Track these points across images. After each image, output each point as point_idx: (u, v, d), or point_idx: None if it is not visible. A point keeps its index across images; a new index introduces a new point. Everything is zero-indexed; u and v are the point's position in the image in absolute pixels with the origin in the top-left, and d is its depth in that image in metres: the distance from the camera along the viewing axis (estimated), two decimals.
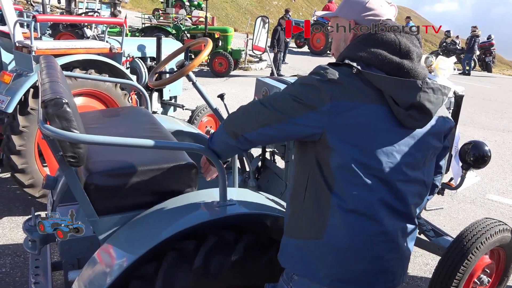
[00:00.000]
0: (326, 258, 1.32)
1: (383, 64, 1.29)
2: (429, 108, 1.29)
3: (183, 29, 11.71)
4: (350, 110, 1.26)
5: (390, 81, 1.26)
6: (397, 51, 1.30)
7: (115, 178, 1.64)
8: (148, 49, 4.80)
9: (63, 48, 3.66)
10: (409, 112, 1.27)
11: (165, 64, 2.67)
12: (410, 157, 1.32)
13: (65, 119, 1.41)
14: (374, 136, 1.27)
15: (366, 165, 1.27)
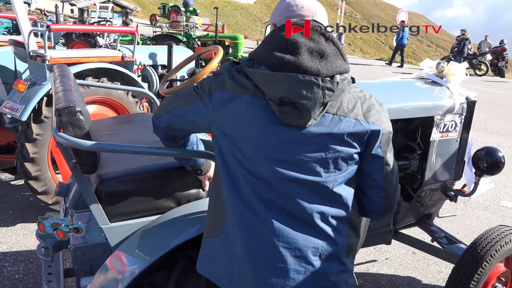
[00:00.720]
0: (221, 257, 1.31)
1: (268, 60, 1.25)
2: (304, 104, 1.20)
3: (194, 36, 11.80)
4: (230, 100, 1.28)
5: (260, 75, 1.24)
6: (284, 46, 1.24)
7: (126, 184, 1.65)
8: (159, 57, 4.86)
9: (76, 57, 3.71)
10: (283, 108, 1.22)
11: (176, 72, 2.69)
12: (289, 155, 1.24)
13: (78, 127, 1.43)
14: (246, 127, 1.26)
15: (237, 155, 1.27)
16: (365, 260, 3.31)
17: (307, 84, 1.20)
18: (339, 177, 1.29)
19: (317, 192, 1.28)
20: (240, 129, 1.27)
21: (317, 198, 1.28)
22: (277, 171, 1.25)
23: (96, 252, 1.83)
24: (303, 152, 1.25)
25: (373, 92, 2.20)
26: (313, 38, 1.25)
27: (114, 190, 1.63)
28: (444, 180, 2.48)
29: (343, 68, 1.27)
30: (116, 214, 1.64)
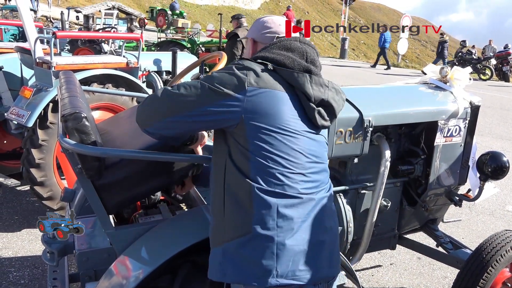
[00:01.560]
0: (258, 253, 1.30)
1: (294, 65, 1.41)
2: (336, 108, 1.48)
3: (198, 42, 11.86)
4: (261, 93, 1.34)
5: (304, 77, 1.41)
6: (304, 57, 1.45)
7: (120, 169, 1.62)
8: (163, 63, 4.89)
9: (82, 63, 3.74)
10: (320, 109, 1.43)
11: (180, 78, 2.71)
12: (310, 145, 1.41)
13: (84, 133, 1.45)
14: (280, 119, 1.34)
15: (271, 148, 1.33)
16: (370, 265, 3.29)
17: (338, 92, 1.51)
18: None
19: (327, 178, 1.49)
20: (275, 120, 1.34)
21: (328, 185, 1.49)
22: (311, 162, 1.40)
23: (101, 257, 1.84)
24: (319, 144, 1.46)
25: (377, 97, 2.29)
26: (314, 51, 1.53)
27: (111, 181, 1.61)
28: (448, 185, 2.48)
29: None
30: (117, 202, 1.63)
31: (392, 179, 2.39)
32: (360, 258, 2.34)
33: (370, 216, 2.24)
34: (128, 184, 1.66)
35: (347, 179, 2.37)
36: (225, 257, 1.34)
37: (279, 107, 1.35)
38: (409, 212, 2.53)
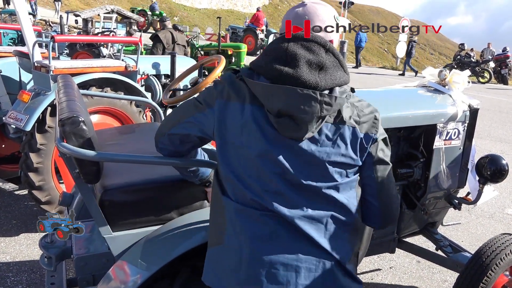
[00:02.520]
0: (228, 265, 1.29)
1: (267, 71, 1.25)
2: (301, 117, 1.20)
3: (197, 46, 11.87)
4: (230, 108, 1.29)
5: (259, 87, 1.24)
6: (283, 58, 1.24)
7: (129, 194, 1.66)
8: (162, 67, 4.89)
9: (80, 67, 3.74)
10: (280, 120, 1.22)
11: (179, 82, 2.71)
12: (290, 162, 1.25)
13: (81, 137, 1.44)
14: (247, 134, 1.26)
15: (239, 162, 1.28)
16: (369, 269, 3.28)
17: (305, 98, 1.19)
18: (339, 183, 1.28)
19: (317, 198, 1.28)
20: (242, 136, 1.27)
21: (317, 204, 1.28)
22: (278, 176, 1.25)
23: (99, 262, 1.83)
24: (303, 161, 1.26)
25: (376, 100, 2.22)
26: (312, 50, 1.25)
27: (117, 200, 1.63)
28: (447, 188, 2.47)
29: (343, 79, 1.27)
30: (119, 224, 1.64)
31: None
32: (359, 262, 2.33)
33: None
34: (136, 210, 1.67)
35: None
36: (207, 261, 1.37)
37: (245, 126, 1.27)
38: (409, 215, 2.53)
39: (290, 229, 1.26)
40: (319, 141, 1.26)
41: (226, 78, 1.35)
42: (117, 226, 1.63)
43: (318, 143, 1.26)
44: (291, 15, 1.35)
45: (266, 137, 1.25)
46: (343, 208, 1.30)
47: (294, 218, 1.25)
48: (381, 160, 1.34)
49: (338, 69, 1.27)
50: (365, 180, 1.35)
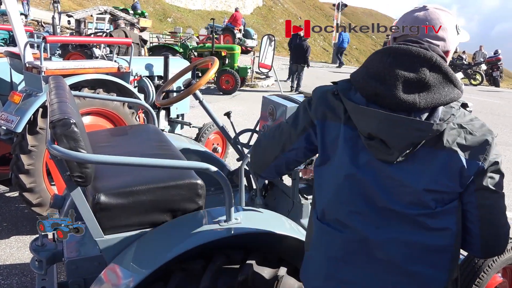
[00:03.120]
0: (311, 269, 1.36)
1: (362, 87, 1.18)
2: (392, 142, 1.13)
3: (190, 47, 11.86)
4: (324, 127, 1.28)
5: (352, 107, 1.19)
6: (381, 75, 1.16)
7: (122, 197, 1.64)
8: (155, 68, 4.87)
9: (72, 68, 3.71)
10: (371, 142, 1.16)
11: (172, 83, 2.70)
12: (380, 187, 1.18)
13: (73, 139, 1.43)
14: (340, 154, 1.23)
15: (330, 180, 1.27)
16: None
17: (398, 123, 1.11)
18: (434, 211, 1.17)
19: (408, 223, 1.19)
20: (335, 155, 1.24)
21: (407, 229, 1.19)
22: (365, 199, 1.20)
23: (90, 265, 1.81)
24: (393, 185, 1.18)
25: None
26: (414, 66, 1.14)
27: (109, 203, 1.61)
28: None
29: (451, 96, 1.15)
30: (111, 227, 1.62)
31: None
32: None
33: None
34: (128, 212, 1.65)
35: None
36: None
37: (340, 146, 1.23)
38: None
39: (370, 251, 1.21)
40: (412, 167, 1.16)
41: (318, 95, 1.32)
42: (109, 229, 1.61)
43: (411, 169, 1.16)
44: (409, 18, 1.28)
45: (356, 159, 1.20)
46: (439, 235, 1.19)
47: (378, 241, 1.20)
48: (487, 188, 1.18)
49: (446, 85, 1.15)
50: (465, 206, 1.21)
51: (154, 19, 27.30)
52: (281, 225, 1.77)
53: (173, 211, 1.71)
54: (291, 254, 1.80)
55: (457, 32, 1.28)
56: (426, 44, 1.19)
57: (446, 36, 1.25)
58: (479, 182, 1.16)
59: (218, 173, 1.54)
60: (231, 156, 5.12)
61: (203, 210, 1.76)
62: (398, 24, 1.31)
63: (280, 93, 2.45)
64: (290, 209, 2.28)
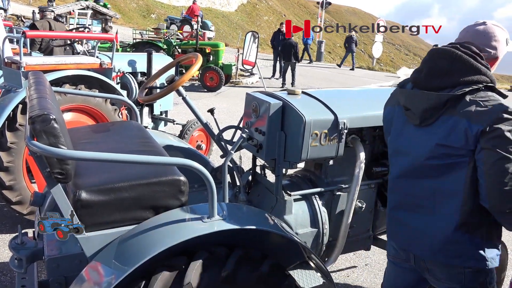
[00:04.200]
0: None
1: (412, 78, 1.73)
2: (413, 110, 1.66)
3: (174, 44, 11.76)
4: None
5: (398, 91, 1.79)
6: (420, 68, 1.68)
7: (103, 193, 1.62)
8: (138, 64, 4.82)
9: (53, 63, 3.65)
10: (407, 112, 1.71)
11: (155, 79, 2.67)
12: (415, 146, 1.68)
13: (53, 135, 1.40)
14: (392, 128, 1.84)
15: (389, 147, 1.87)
16: (345, 266, 3.32)
17: (416, 97, 1.65)
18: (448, 162, 1.57)
19: (431, 173, 1.63)
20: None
21: (432, 179, 1.63)
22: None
23: (71, 263, 1.79)
24: (425, 145, 1.63)
25: (352, 100, 2.28)
26: (439, 60, 1.61)
27: (90, 200, 1.59)
28: None
29: (469, 79, 1.55)
30: (93, 224, 1.61)
31: (366, 180, 2.42)
32: (335, 260, 2.36)
33: (345, 218, 2.25)
34: (110, 209, 1.63)
35: (323, 181, 2.38)
36: None
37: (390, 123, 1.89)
38: (384, 213, 2.56)
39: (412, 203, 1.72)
40: (431, 128, 1.61)
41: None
42: (91, 226, 1.59)
43: (430, 129, 1.61)
44: (471, 31, 1.70)
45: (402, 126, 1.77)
46: (450, 181, 1.59)
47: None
48: (490, 148, 1.49)
49: (468, 71, 1.56)
50: (477, 162, 1.54)
51: (137, 15, 26.98)
52: (264, 221, 1.78)
53: (155, 208, 1.70)
54: (274, 250, 1.81)
55: (506, 44, 1.70)
56: (466, 45, 1.61)
57: (498, 46, 1.67)
58: (482, 142, 1.50)
59: (200, 169, 1.53)
60: (215, 153, 5.11)
61: (186, 206, 1.75)
62: (462, 33, 1.74)
63: (264, 90, 2.46)
64: (274, 206, 2.29)
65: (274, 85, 12.38)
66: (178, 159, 1.62)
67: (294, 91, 2.28)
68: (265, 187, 2.42)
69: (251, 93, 2.36)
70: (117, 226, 1.66)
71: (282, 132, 2.14)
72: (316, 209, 2.31)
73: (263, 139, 2.16)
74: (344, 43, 19.49)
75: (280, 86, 12.12)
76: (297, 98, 2.24)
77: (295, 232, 2.20)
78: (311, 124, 2.06)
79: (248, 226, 1.67)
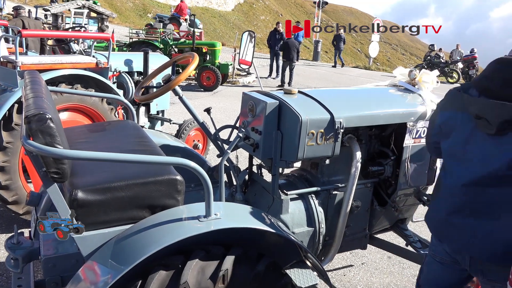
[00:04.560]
0: None
1: (477, 85, 1.69)
2: (490, 119, 1.59)
3: (171, 43, 11.75)
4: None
5: (467, 99, 1.69)
6: (489, 76, 1.65)
7: (100, 193, 1.62)
8: (135, 64, 4.81)
9: (49, 63, 3.64)
10: (479, 121, 1.64)
11: (151, 79, 2.67)
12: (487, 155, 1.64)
13: (49, 135, 1.40)
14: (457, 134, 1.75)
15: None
16: (342, 265, 3.33)
17: (494, 107, 1.58)
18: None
19: (506, 183, 1.60)
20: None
21: (505, 188, 1.60)
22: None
23: (68, 262, 1.79)
24: (503, 154, 1.59)
25: (348, 99, 2.26)
26: (508, 69, 1.60)
27: (87, 199, 1.59)
28: (417, 185, 2.53)
29: None
30: (89, 224, 1.60)
31: (362, 180, 2.43)
32: (332, 259, 2.36)
33: (342, 217, 2.26)
34: (106, 209, 1.63)
35: (319, 180, 2.39)
36: None
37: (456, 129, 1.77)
38: (380, 212, 2.58)
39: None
40: (502, 138, 1.58)
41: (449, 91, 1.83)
42: (87, 226, 1.59)
43: (505, 140, 1.58)
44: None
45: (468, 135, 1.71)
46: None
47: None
48: None
49: None
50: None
51: (133, 14, 26.90)
52: (261, 220, 1.78)
53: (152, 207, 1.70)
54: (271, 249, 1.81)
55: None
56: None
57: None
58: None
59: (196, 169, 1.53)
60: (212, 153, 5.11)
61: (182, 206, 1.75)
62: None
63: (260, 89, 2.46)
64: (270, 205, 2.30)
65: (271, 85, 12.39)
66: (175, 159, 1.62)
67: (291, 91, 2.29)
68: (262, 186, 2.43)
69: (248, 92, 2.37)
70: (114, 225, 1.65)
71: (278, 131, 2.14)
72: (313, 208, 2.32)
73: (260, 138, 2.16)
74: (332, 41, 19.62)
75: (277, 86, 12.12)
76: (293, 97, 2.25)
77: (292, 231, 2.21)
78: (308, 123, 2.06)
79: (245, 226, 1.68)
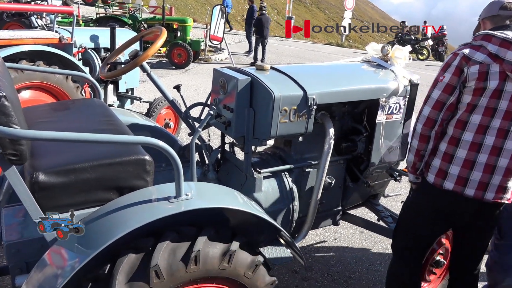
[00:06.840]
0: None
1: None
2: None
3: (140, 19, 11.39)
4: None
5: None
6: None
7: (63, 175, 1.54)
8: (101, 40, 4.62)
9: (7, 38, 3.44)
10: None
11: (117, 55, 2.55)
12: None
13: (3, 114, 1.31)
14: None
15: None
16: (315, 241, 3.37)
17: None
18: None
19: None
20: None
21: None
22: None
23: (32, 248, 1.71)
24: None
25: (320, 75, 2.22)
26: None
27: (49, 182, 1.51)
28: (389, 161, 2.55)
29: None
30: (53, 207, 1.53)
31: (336, 156, 2.43)
32: (305, 235, 2.37)
33: (315, 194, 2.26)
34: (71, 191, 1.56)
35: (292, 157, 2.37)
36: None
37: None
38: (352, 188, 2.59)
39: None
40: None
41: None
42: (50, 209, 1.52)
43: None
44: None
45: None
46: None
47: None
48: None
49: None
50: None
51: None
52: (233, 199, 1.75)
53: (119, 188, 1.64)
54: (244, 228, 1.79)
55: None
56: None
57: None
58: None
59: (164, 147, 1.47)
60: (184, 131, 5.02)
61: (152, 186, 1.69)
62: None
63: (232, 66, 2.39)
64: (243, 183, 2.27)
65: (243, 62, 12.25)
66: (141, 138, 1.55)
67: (263, 67, 2.23)
68: (234, 165, 2.39)
69: (219, 69, 2.30)
70: (80, 208, 1.59)
71: (250, 108, 2.09)
72: (286, 186, 2.31)
73: (232, 116, 2.11)
74: (398, 32, 18.59)
75: (250, 63, 11.99)
76: (266, 74, 2.20)
77: (265, 210, 2.19)
78: (280, 100, 2.02)
79: (217, 205, 1.64)
